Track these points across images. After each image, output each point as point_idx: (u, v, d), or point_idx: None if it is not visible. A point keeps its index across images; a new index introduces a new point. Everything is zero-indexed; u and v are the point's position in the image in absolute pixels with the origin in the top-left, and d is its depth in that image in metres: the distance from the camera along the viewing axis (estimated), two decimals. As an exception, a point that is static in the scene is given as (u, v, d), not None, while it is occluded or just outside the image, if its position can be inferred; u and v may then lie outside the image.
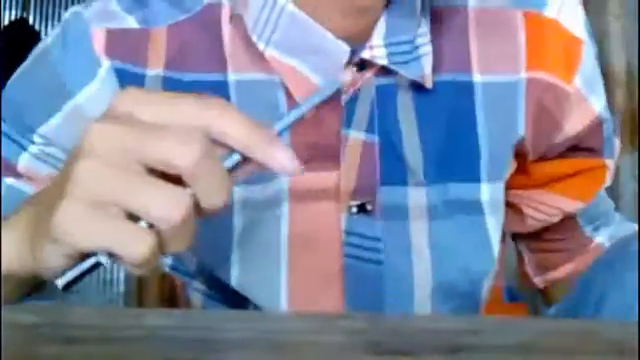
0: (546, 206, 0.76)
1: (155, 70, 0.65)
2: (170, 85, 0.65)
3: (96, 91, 0.65)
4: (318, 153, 0.65)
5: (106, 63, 0.65)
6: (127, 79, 0.65)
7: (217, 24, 0.66)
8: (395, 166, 0.66)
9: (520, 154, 0.72)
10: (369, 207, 0.65)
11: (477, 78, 0.68)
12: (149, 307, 0.93)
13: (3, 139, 0.66)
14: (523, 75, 0.69)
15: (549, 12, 0.69)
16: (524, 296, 0.87)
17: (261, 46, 0.64)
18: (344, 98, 0.64)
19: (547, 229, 0.80)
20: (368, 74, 0.65)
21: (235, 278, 0.67)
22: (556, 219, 0.78)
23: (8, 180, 0.66)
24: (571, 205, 0.76)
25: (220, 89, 0.65)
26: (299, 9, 0.63)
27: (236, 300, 0.69)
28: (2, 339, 0.39)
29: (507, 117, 0.69)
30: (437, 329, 0.45)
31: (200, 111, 0.40)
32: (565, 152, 0.74)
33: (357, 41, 0.64)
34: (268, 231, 0.65)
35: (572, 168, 0.74)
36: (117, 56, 0.65)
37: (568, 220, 0.79)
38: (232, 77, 0.65)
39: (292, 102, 0.64)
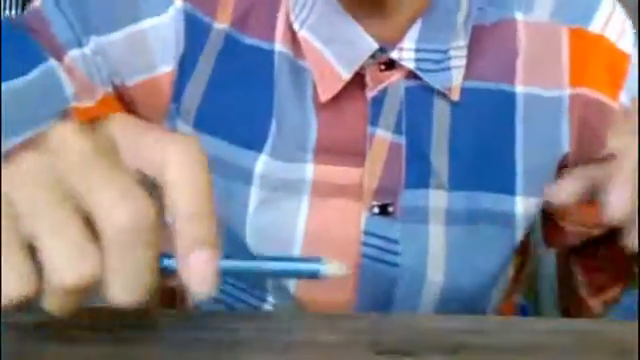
0: (583, 218, 0.76)
1: (222, 25, 0.67)
2: (231, 43, 0.66)
3: (162, 25, 0.66)
4: (344, 147, 0.65)
5: (179, 3, 0.66)
6: (195, 25, 0.66)
7: None
8: (420, 169, 0.66)
9: (562, 169, 0.71)
10: (390, 209, 0.65)
11: (519, 90, 0.67)
12: (149, 307, 0.93)
13: (65, 22, 0.66)
14: (566, 91, 0.68)
15: (594, 27, 0.69)
16: (539, 314, 0.87)
17: (296, 26, 0.65)
18: (370, 95, 0.65)
19: (600, 245, 0.79)
20: (396, 75, 0.65)
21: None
22: (596, 231, 0.77)
23: (52, 61, 0.65)
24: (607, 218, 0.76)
25: (267, 57, 0.66)
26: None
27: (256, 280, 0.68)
28: (2, 339, 0.39)
29: (550, 132, 0.68)
30: (438, 329, 0.45)
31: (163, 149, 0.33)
32: None
33: (390, 42, 0.64)
34: (284, 219, 0.65)
35: None
36: (190, 0, 0.66)
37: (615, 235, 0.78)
38: (277, 47, 0.66)
39: (316, 91, 0.65)
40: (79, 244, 0.32)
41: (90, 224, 0.32)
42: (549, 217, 0.75)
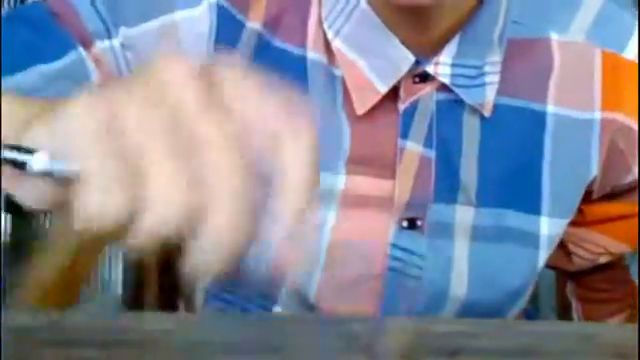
0: (592, 245, 0.76)
1: (254, 24, 0.66)
2: (262, 44, 0.65)
3: (195, 18, 0.64)
4: (374, 159, 0.65)
5: None
6: (228, 21, 0.65)
7: (310, 3, 0.66)
8: (448, 184, 0.65)
9: (587, 193, 0.71)
10: (419, 223, 0.65)
11: (551, 110, 0.67)
12: (146, 310, 0.93)
13: (94, 11, 0.64)
14: (598, 115, 0.67)
15: (628, 54, 0.68)
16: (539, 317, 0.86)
17: (330, 35, 0.64)
18: (401, 107, 0.64)
19: (598, 278, 0.80)
20: (428, 88, 0.64)
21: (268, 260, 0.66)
22: (603, 259, 0.77)
23: (81, 49, 0.63)
24: (616, 247, 0.75)
25: (300, 63, 0.65)
26: (372, 10, 0.63)
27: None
28: (2, 340, 0.39)
29: (579, 155, 0.68)
30: (436, 332, 0.45)
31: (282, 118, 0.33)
32: (624, 194, 0.73)
33: (425, 55, 0.63)
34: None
35: (624, 210, 0.74)
36: None
37: (619, 269, 0.78)
38: (310, 54, 0.65)
39: (348, 100, 0.64)
40: (185, 177, 0.30)
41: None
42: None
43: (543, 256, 0.68)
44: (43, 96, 0.39)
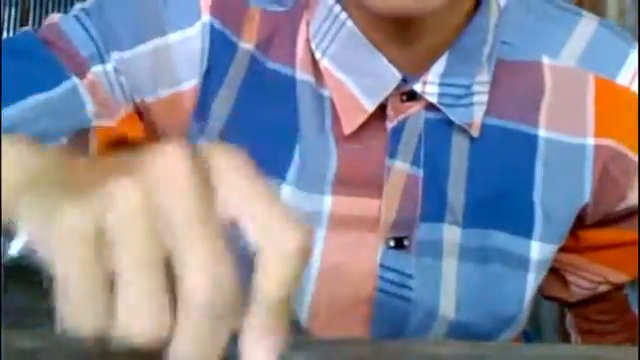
0: (590, 274, 0.75)
1: (247, 45, 0.66)
2: (255, 65, 0.66)
3: (188, 39, 0.65)
4: (362, 179, 0.64)
5: (206, 18, 0.65)
6: (221, 42, 0.65)
7: (299, 23, 0.66)
8: (435, 203, 0.65)
9: (579, 219, 0.70)
10: (406, 242, 0.65)
11: (542, 133, 0.66)
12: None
13: (87, 37, 0.64)
14: (591, 141, 0.67)
15: (621, 80, 0.68)
16: (541, 339, 0.86)
17: (317, 55, 0.64)
18: (389, 125, 0.64)
19: (596, 309, 0.79)
20: (416, 106, 0.64)
21: None
22: (602, 288, 0.76)
23: (75, 78, 0.63)
24: (615, 275, 0.75)
25: (290, 83, 0.65)
26: (358, 29, 0.63)
27: None
28: (2, 341, 0.38)
29: (572, 181, 0.68)
30: (439, 355, 0.44)
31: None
32: (618, 220, 0.72)
33: (413, 73, 0.63)
34: None
35: (621, 238, 0.73)
36: (219, 17, 0.65)
37: (618, 300, 0.78)
38: (298, 74, 0.65)
39: (336, 120, 0.64)
40: (155, 300, 0.31)
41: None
42: (554, 269, 0.73)
43: (533, 280, 0.68)
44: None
